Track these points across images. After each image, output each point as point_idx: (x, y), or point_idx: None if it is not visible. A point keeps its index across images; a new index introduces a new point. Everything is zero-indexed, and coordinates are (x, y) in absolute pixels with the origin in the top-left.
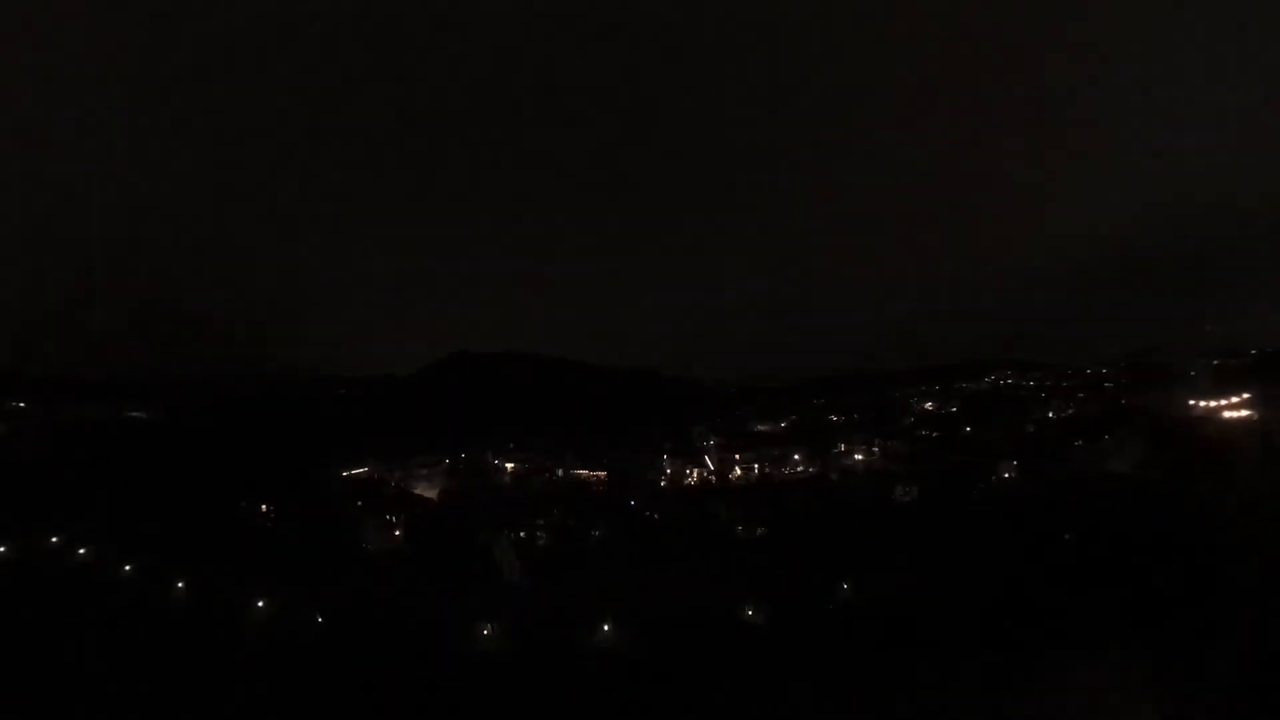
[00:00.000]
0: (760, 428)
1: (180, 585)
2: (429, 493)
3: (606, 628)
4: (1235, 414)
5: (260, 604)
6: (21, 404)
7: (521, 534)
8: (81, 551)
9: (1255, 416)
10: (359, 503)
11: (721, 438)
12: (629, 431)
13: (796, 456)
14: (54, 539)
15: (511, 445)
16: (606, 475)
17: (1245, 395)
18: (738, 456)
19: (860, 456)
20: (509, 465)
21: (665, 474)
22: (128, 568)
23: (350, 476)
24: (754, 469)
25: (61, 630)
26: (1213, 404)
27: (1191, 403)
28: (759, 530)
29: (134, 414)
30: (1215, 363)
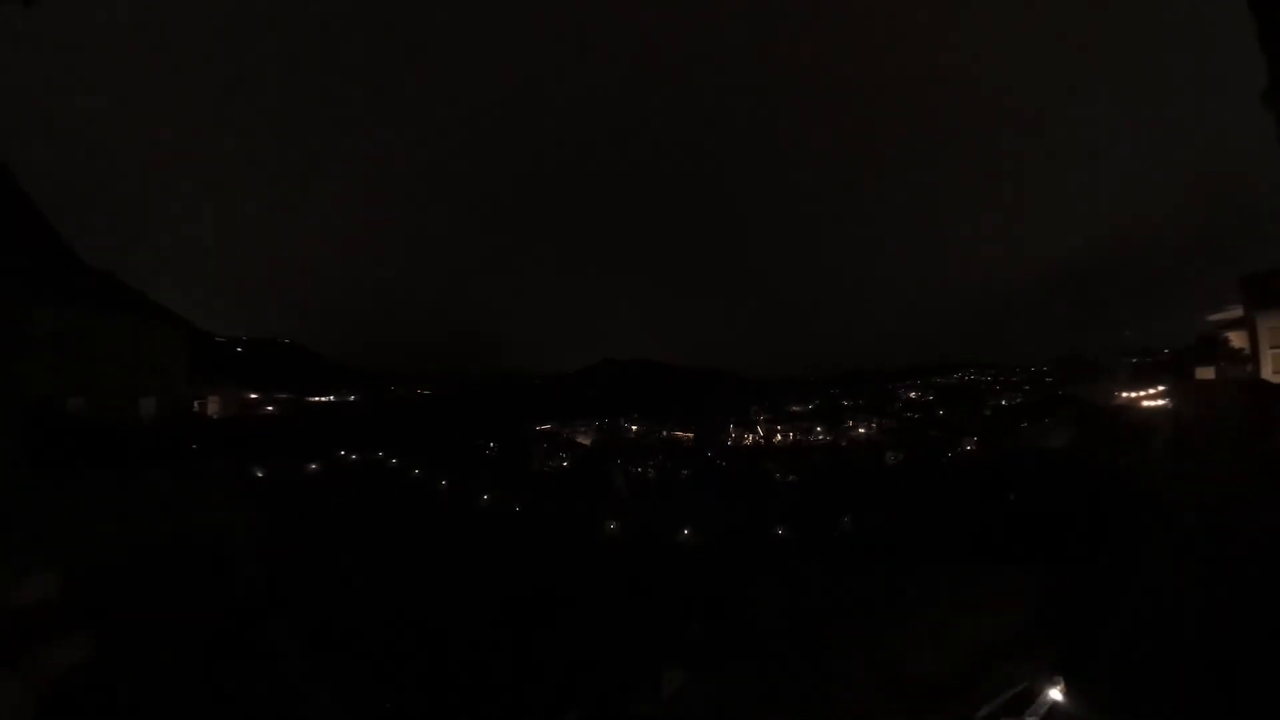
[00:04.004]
0: (794, 408)
1: (444, 482)
2: (585, 441)
3: (686, 531)
4: (1151, 403)
5: (485, 496)
6: (363, 384)
7: (638, 469)
8: (393, 461)
9: (1168, 404)
10: (544, 444)
11: (767, 415)
12: (707, 409)
13: (818, 429)
14: (353, 456)
15: (635, 414)
16: (693, 436)
17: (1160, 388)
18: (778, 428)
19: (863, 430)
20: (633, 427)
21: (730, 437)
22: (416, 471)
23: (539, 429)
24: (789, 436)
25: (373, 506)
26: (1132, 394)
27: (1115, 393)
28: (790, 478)
29: (424, 391)
30: (1134, 360)
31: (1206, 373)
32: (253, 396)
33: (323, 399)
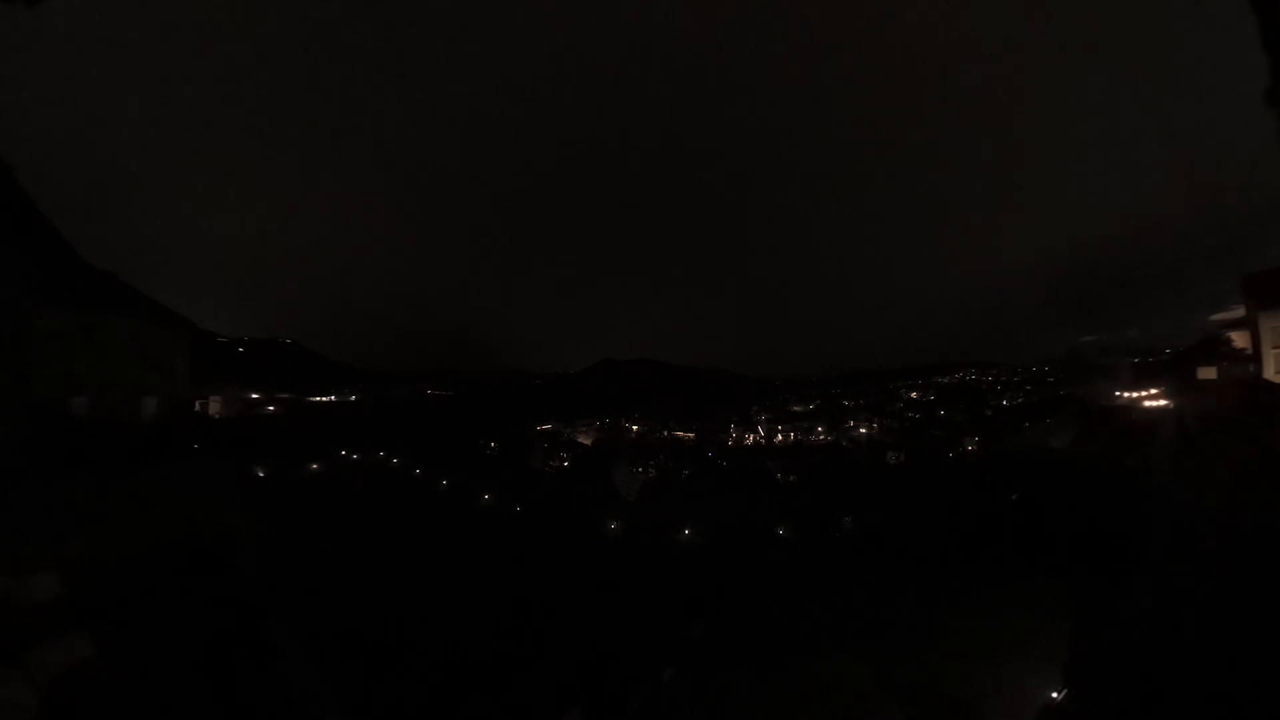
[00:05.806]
0: (795, 408)
1: (444, 483)
2: (585, 440)
3: (687, 530)
4: (1153, 403)
5: (486, 496)
6: (363, 384)
7: (639, 469)
8: (395, 460)
9: (1170, 404)
10: (545, 444)
11: (769, 414)
12: (708, 409)
13: (819, 428)
14: (354, 456)
15: (636, 414)
16: (694, 435)
17: (1162, 387)
18: (779, 427)
19: (864, 430)
20: (634, 427)
21: (732, 437)
22: (416, 470)
23: (540, 429)
24: (790, 436)
25: (374, 505)
26: (1134, 394)
27: (1117, 393)
28: (792, 477)
29: (432, 391)
30: (1135, 360)
31: (1209, 372)
32: (254, 396)
33: (323, 399)
